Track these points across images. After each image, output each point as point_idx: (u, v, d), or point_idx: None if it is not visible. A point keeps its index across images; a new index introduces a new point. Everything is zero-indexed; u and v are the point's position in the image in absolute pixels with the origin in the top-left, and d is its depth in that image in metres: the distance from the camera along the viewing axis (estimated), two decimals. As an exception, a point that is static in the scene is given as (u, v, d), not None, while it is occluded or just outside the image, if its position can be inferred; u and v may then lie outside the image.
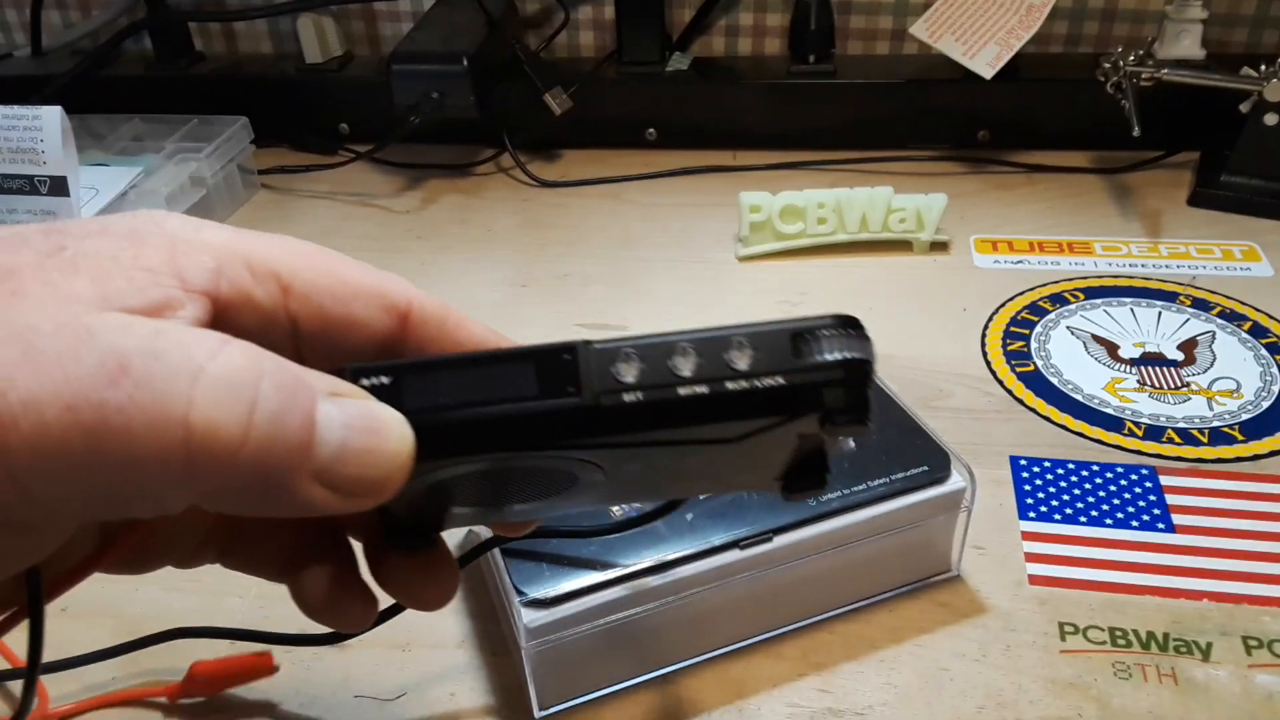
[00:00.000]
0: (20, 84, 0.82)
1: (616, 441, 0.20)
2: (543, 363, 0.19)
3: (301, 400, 0.17)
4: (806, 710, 0.36)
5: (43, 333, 0.16)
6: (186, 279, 0.19)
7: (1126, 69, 0.66)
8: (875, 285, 0.61)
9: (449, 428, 0.19)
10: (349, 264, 0.22)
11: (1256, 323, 0.56)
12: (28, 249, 0.18)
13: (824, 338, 0.20)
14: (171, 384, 0.16)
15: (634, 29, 0.78)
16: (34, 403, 0.16)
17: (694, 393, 0.19)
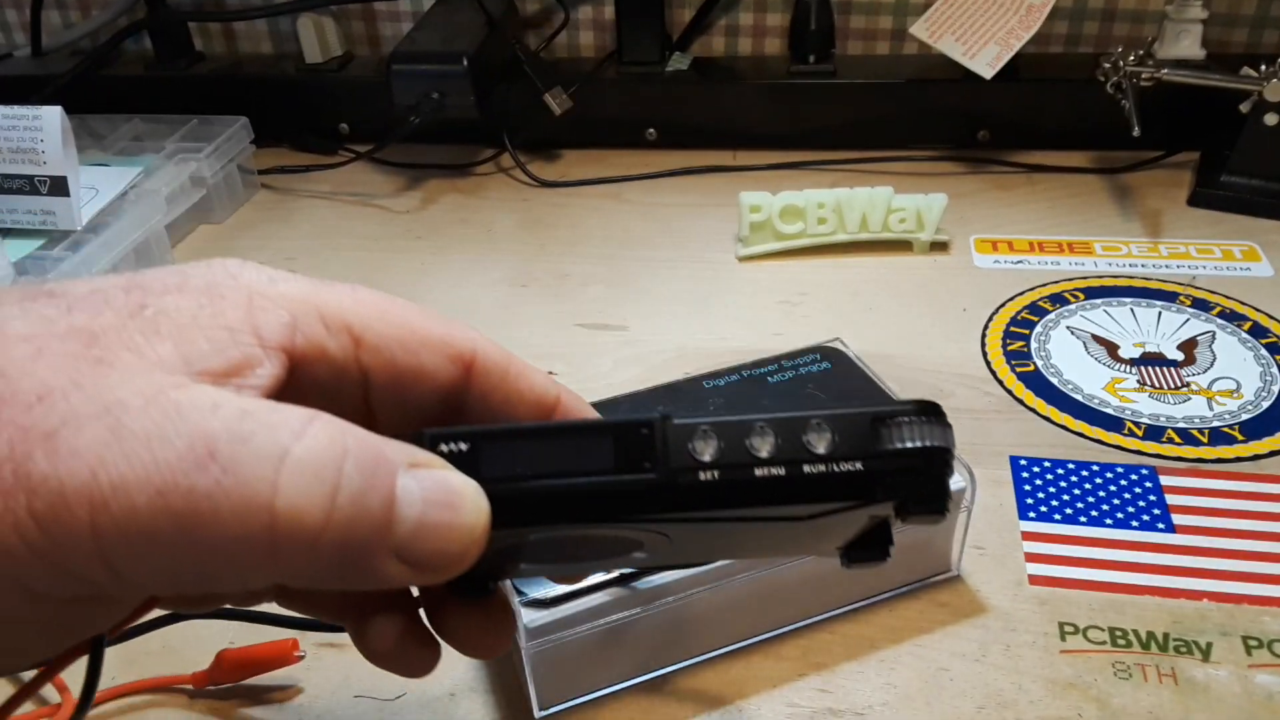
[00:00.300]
0: (20, 84, 0.82)
1: (689, 517, 0.20)
2: (620, 436, 0.20)
3: (382, 478, 0.18)
4: (806, 710, 0.36)
5: (132, 409, 0.17)
6: (264, 335, 0.19)
7: (1126, 69, 0.66)
8: (875, 285, 0.61)
9: (524, 498, 0.19)
10: (417, 313, 0.22)
11: (1256, 323, 0.56)
12: (109, 309, 0.18)
13: (904, 424, 0.20)
14: (258, 469, 0.16)
15: (634, 29, 0.78)
16: (123, 486, 0.16)
17: (770, 474, 0.19)
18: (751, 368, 0.46)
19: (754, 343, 0.56)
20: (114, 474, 0.16)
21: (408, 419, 0.22)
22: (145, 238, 0.64)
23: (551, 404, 0.24)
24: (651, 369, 0.55)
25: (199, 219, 0.72)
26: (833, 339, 0.47)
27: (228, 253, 0.71)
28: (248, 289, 0.20)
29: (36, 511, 0.16)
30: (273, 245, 0.70)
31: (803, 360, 0.46)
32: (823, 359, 0.46)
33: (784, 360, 0.46)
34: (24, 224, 0.61)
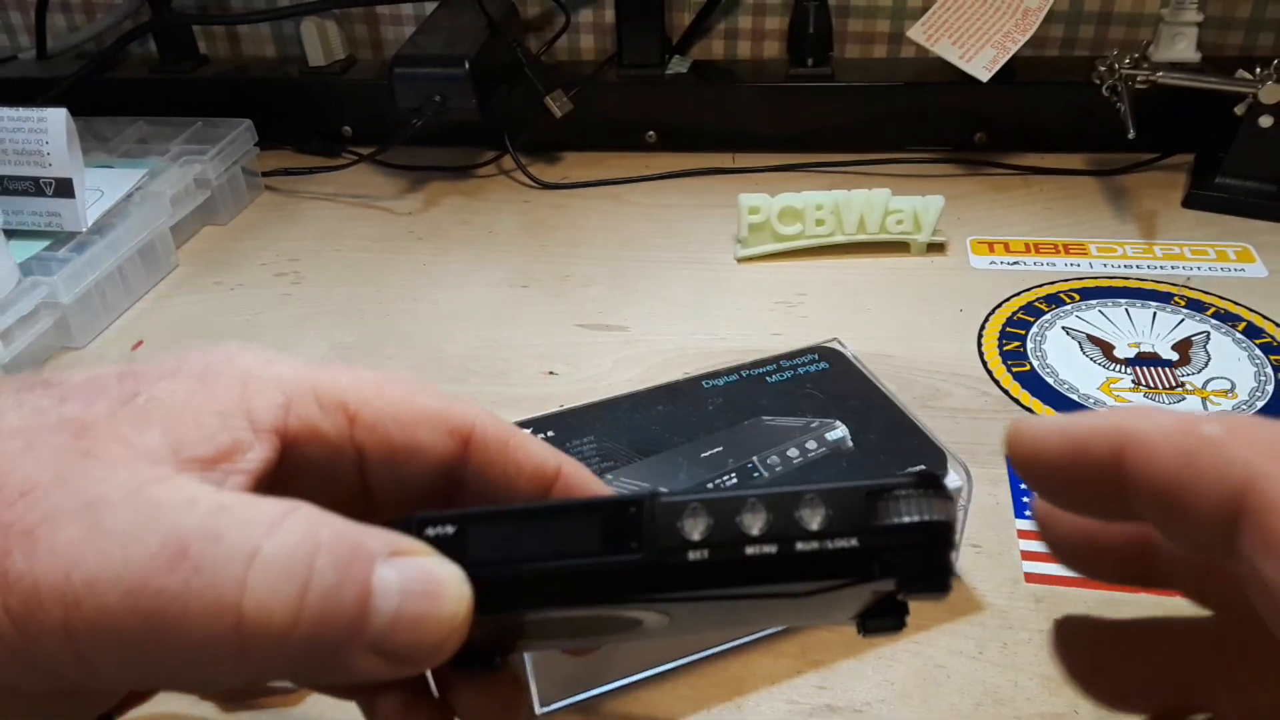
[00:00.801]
0: (25, 86, 0.82)
1: (681, 597, 0.19)
2: (608, 516, 0.19)
3: (357, 571, 0.17)
4: (805, 707, 0.37)
5: (111, 505, 0.17)
6: (256, 418, 0.19)
7: (1122, 72, 0.67)
8: (873, 286, 0.62)
9: (512, 582, 0.19)
10: (416, 389, 0.22)
11: (1251, 323, 0.57)
12: (103, 399, 0.19)
13: (902, 498, 0.19)
14: (227, 568, 0.16)
15: (634, 32, 0.78)
16: (96, 585, 0.16)
17: (762, 552, 0.19)
18: (750, 368, 0.46)
19: (753, 343, 0.57)
20: (87, 573, 0.16)
21: (405, 494, 0.22)
22: (150, 239, 0.65)
23: (552, 475, 0.23)
24: (651, 369, 0.55)
25: (203, 221, 0.73)
26: (831, 339, 0.48)
27: (231, 253, 0.72)
28: (243, 372, 0.20)
29: (11, 608, 0.16)
30: (276, 247, 0.70)
31: (801, 360, 0.47)
32: (821, 359, 0.47)
33: (783, 360, 0.47)
34: (29, 225, 0.62)
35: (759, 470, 0.40)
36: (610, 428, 0.43)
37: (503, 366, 0.57)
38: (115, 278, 0.62)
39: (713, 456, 0.41)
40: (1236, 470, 0.14)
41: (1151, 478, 0.16)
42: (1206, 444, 0.15)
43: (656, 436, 0.42)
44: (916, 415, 0.42)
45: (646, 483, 0.40)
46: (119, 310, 0.63)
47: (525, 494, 0.23)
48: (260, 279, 0.67)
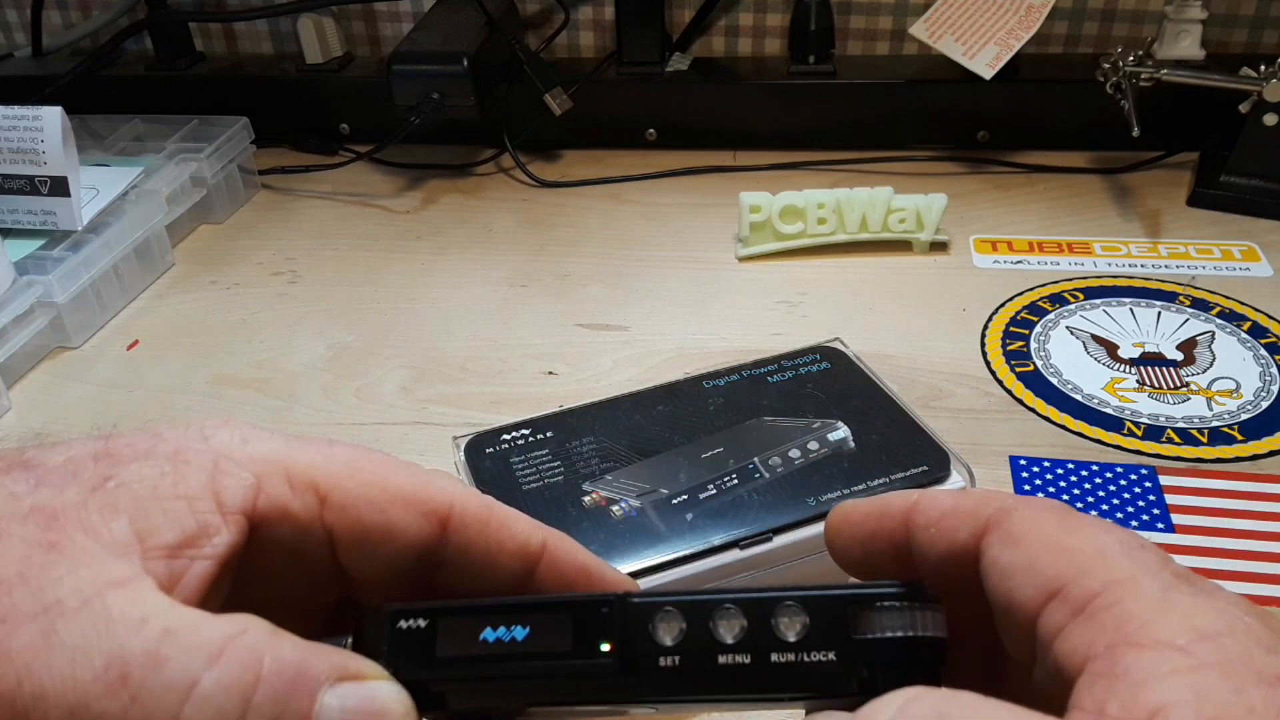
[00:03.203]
0: (21, 84, 0.82)
1: (650, 701, 0.19)
2: (579, 614, 0.19)
3: (298, 702, 0.18)
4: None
5: (66, 612, 0.17)
6: (224, 501, 0.20)
7: (1126, 69, 0.66)
8: (875, 285, 0.62)
9: (479, 681, 0.19)
10: (395, 470, 0.22)
11: (1256, 323, 0.56)
12: (74, 484, 0.19)
13: (886, 609, 0.18)
14: (164, 700, 0.17)
15: (634, 29, 0.78)
16: (42, 699, 0.17)
17: (734, 661, 0.18)
18: (751, 367, 0.46)
19: (754, 342, 0.56)
20: (35, 685, 0.17)
21: (380, 573, 0.22)
22: (146, 238, 0.64)
23: (536, 552, 0.23)
24: (651, 369, 0.55)
25: (199, 219, 0.72)
26: (832, 339, 0.47)
27: (227, 252, 0.71)
28: (215, 453, 0.20)
29: None
30: (273, 245, 0.70)
31: (802, 360, 0.46)
32: (822, 359, 0.46)
33: (784, 360, 0.46)
34: (25, 224, 0.61)
35: (760, 471, 0.39)
36: (610, 428, 0.43)
37: (502, 366, 0.56)
38: (111, 277, 0.62)
39: (713, 457, 0.41)
40: (990, 507, 0.19)
41: (929, 524, 0.20)
42: (967, 495, 0.20)
43: (656, 436, 0.42)
44: (919, 415, 0.41)
45: (647, 483, 0.39)
46: (115, 309, 0.63)
47: (509, 572, 0.22)
48: (257, 278, 0.66)
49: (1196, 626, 0.16)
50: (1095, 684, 0.16)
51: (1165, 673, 0.15)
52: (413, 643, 0.19)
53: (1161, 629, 0.16)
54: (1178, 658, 0.16)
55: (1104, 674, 0.16)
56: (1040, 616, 0.17)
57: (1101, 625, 0.17)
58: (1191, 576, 0.17)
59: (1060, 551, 0.18)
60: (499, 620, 0.19)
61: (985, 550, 0.19)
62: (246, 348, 0.59)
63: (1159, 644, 0.16)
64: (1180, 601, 0.16)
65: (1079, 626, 0.17)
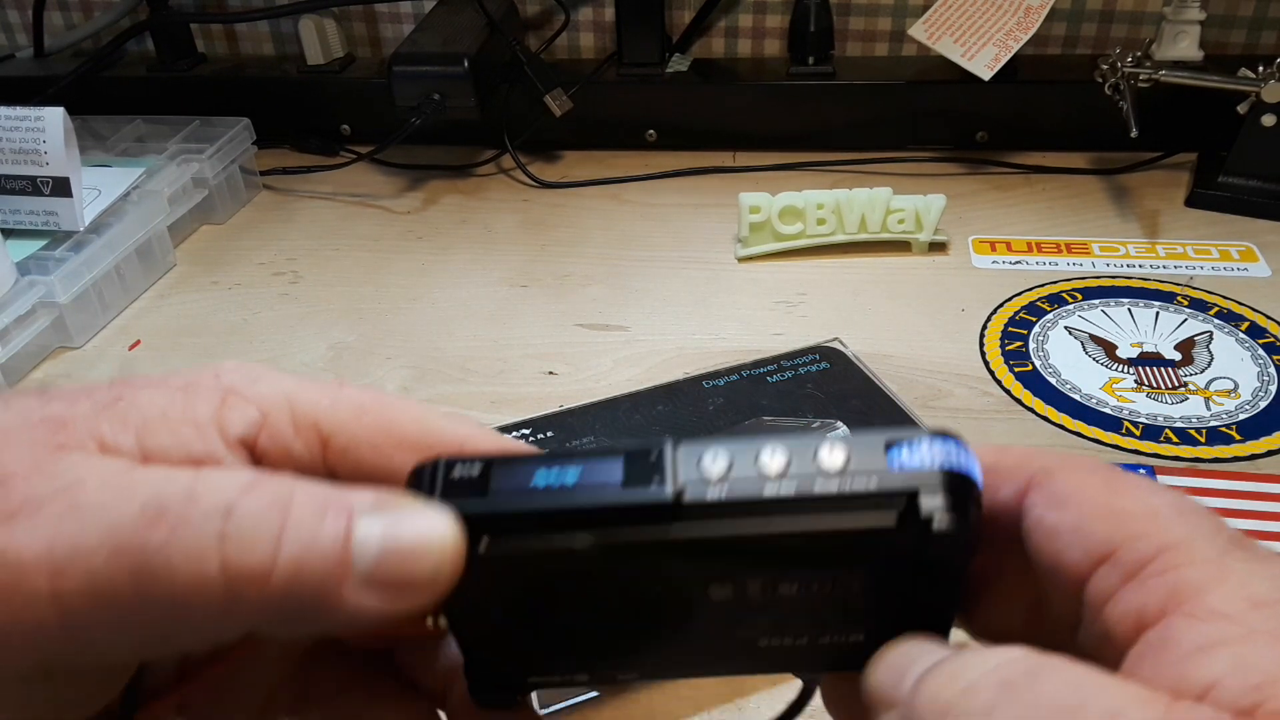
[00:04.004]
0: (23, 85, 0.82)
1: (698, 537, 0.19)
2: (630, 457, 0.20)
3: (333, 518, 0.18)
4: (805, 709, 0.36)
5: (88, 487, 0.17)
6: (228, 432, 0.20)
7: (1124, 70, 0.66)
8: (874, 286, 0.62)
9: (531, 509, 0.19)
10: (404, 413, 0.22)
11: (1254, 323, 0.56)
12: (86, 400, 0.19)
13: (921, 444, 0.19)
14: (206, 523, 0.17)
15: (634, 31, 0.78)
16: (80, 551, 0.17)
17: (781, 492, 0.19)
18: (751, 368, 0.46)
19: (753, 343, 0.56)
20: (70, 542, 0.17)
21: None
22: (147, 238, 0.64)
23: None
24: (651, 369, 0.55)
25: (201, 220, 0.72)
26: (832, 339, 0.48)
27: (229, 252, 0.72)
28: (225, 388, 0.20)
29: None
30: (274, 246, 0.70)
31: (802, 360, 0.46)
32: (822, 359, 0.46)
33: (783, 360, 0.46)
34: (26, 225, 0.61)
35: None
36: (610, 428, 0.43)
37: (502, 366, 0.56)
38: (113, 277, 0.62)
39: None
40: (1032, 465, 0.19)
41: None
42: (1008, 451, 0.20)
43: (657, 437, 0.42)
44: (918, 415, 0.41)
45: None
46: (116, 310, 0.63)
47: None
48: (258, 278, 0.66)
49: (1252, 594, 0.16)
50: (1148, 654, 0.16)
51: (1218, 644, 0.15)
52: (466, 486, 0.19)
53: (1216, 598, 0.16)
54: (1231, 628, 0.15)
55: (1157, 645, 0.16)
56: (1090, 580, 0.17)
57: (1155, 592, 0.16)
58: (1246, 541, 0.17)
59: (1110, 514, 0.18)
60: (552, 464, 0.20)
61: (1029, 510, 0.19)
62: (248, 348, 0.59)
63: (1213, 614, 0.16)
64: (1236, 568, 0.16)
65: (1131, 592, 0.17)
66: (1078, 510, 0.18)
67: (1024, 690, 0.15)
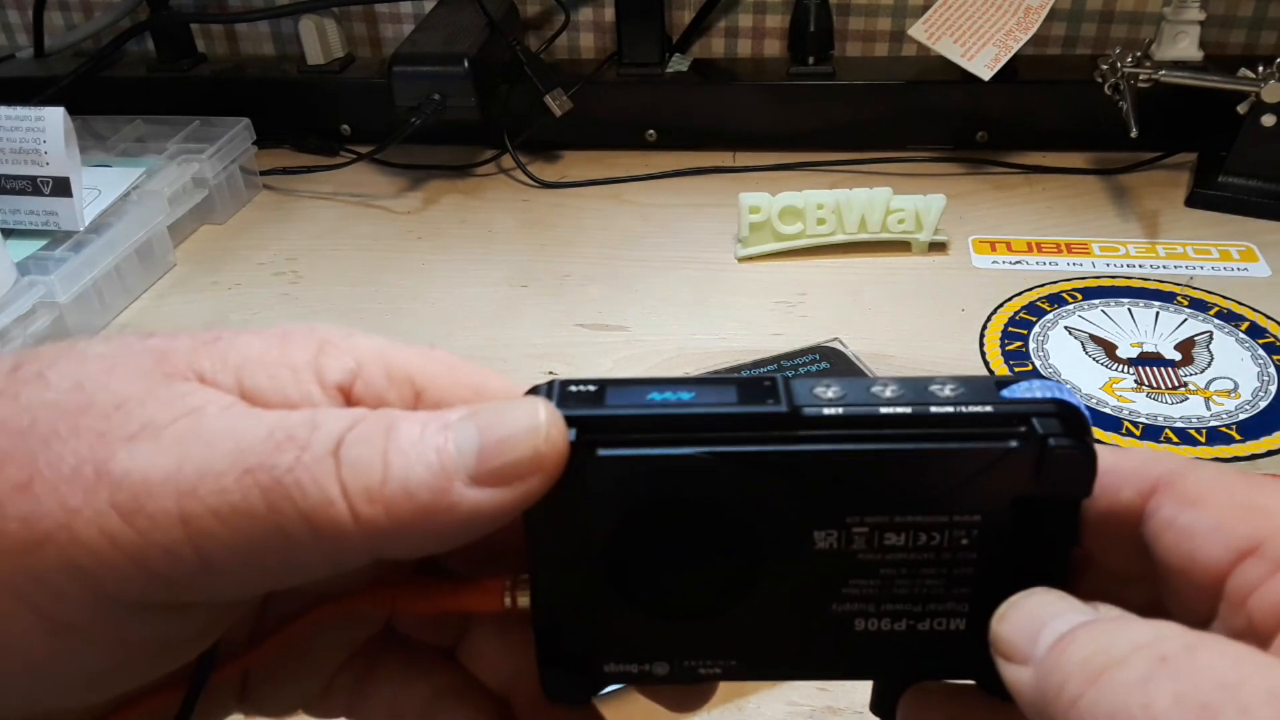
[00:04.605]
0: (23, 85, 0.82)
1: (814, 453, 0.19)
2: (743, 385, 0.20)
3: (432, 427, 0.18)
4: (806, 709, 0.36)
5: (208, 414, 0.18)
6: (325, 377, 0.20)
7: (1124, 70, 0.66)
8: (874, 286, 0.62)
9: (648, 417, 0.19)
10: (496, 379, 0.22)
11: (1254, 323, 0.56)
12: (186, 337, 0.20)
13: (1033, 384, 0.19)
14: (326, 445, 0.18)
15: (634, 31, 0.78)
16: (211, 470, 0.17)
17: (896, 412, 0.19)
18: (751, 368, 0.46)
19: (753, 343, 0.56)
20: (200, 461, 0.17)
21: None
22: (147, 238, 0.64)
23: None
24: (651, 369, 0.55)
25: (201, 220, 0.72)
26: (831, 339, 0.48)
27: (229, 252, 0.71)
28: (321, 337, 0.21)
29: (120, 504, 0.16)
30: (274, 246, 0.70)
31: (802, 360, 0.46)
32: (822, 359, 0.46)
33: (783, 360, 0.46)
34: (26, 225, 0.61)
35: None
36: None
37: (502, 366, 0.56)
38: (113, 277, 0.62)
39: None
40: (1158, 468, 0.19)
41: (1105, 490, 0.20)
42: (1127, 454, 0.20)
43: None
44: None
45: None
46: (116, 310, 0.63)
47: None
48: (258, 278, 0.66)
49: None
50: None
51: None
52: (580, 398, 0.19)
53: None
54: None
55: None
56: (1231, 575, 0.18)
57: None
58: None
59: (1252, 510, 0.18)
60: (666, 386, 0.20)
61: (1155, 511, 0.19)
62: (248, 348, 0.59)
63: None
64: None
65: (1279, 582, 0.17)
66: (1216, 508, 0.18)
67: (1182, 664, 0.15)
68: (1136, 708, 0.15)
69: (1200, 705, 0.14)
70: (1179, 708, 0.15)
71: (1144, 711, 0.15)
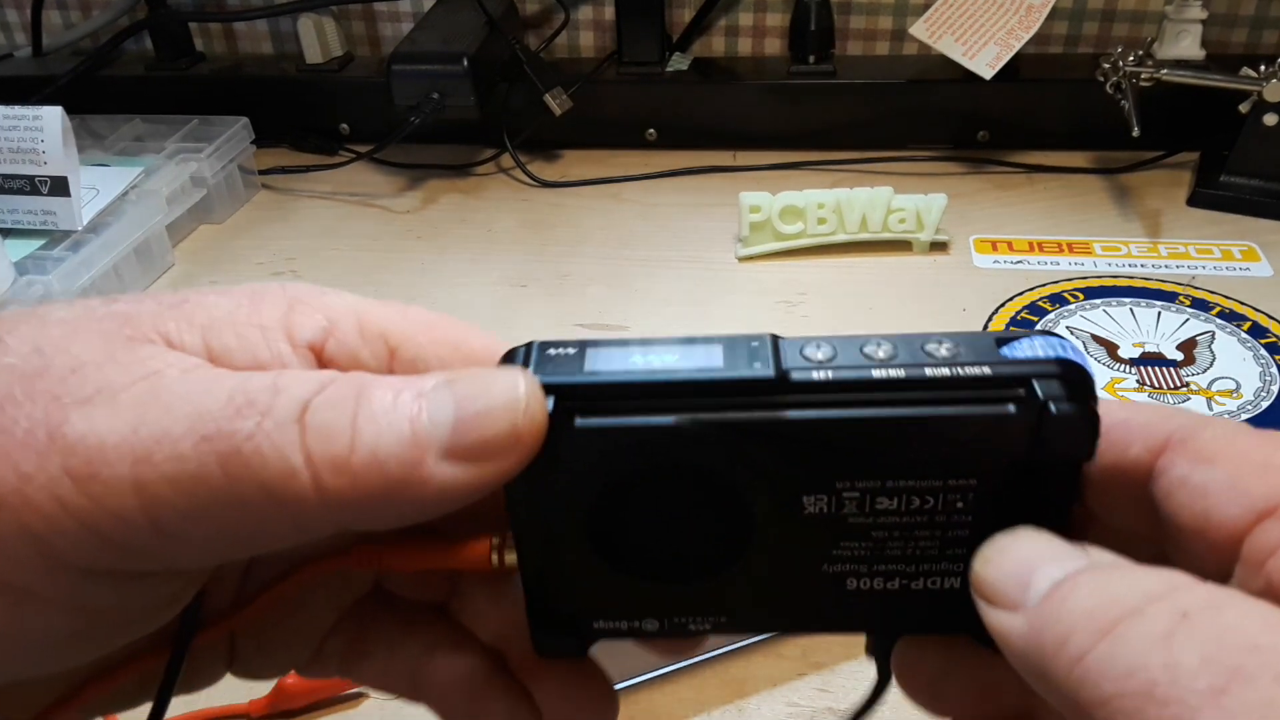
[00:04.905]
0: (21, 84, 0.82)
1: (803, 419, 0.18)
2: (729, 345, 0.19)
3: (406, 395, 0.18)
4: (806, 709, 0.36)
5: (168, 376, 0.17)
6: (296, 336, 0.19)
7: (1126, 69, 0.66)
8: (875, 285, 0.62)
9: (630, 385, 0.18)
10: (471, 333, 0.21)
11: (1256, 323, 0.56)
12: (152, 301, 0.19)
13: (1034, 342, 0.18)
14: (291, 411, 0.17)
15: (634, 29, 0.78)
16: (168, 436, 0.16)
17: (889, 375, 0.18)
18: (751, 368, 0.46)
19: (754, 343, 0.56)
20: (156, 426, 0.16)
21: None
22: (146, 238, 0.64)
23: None
24: (651, 369, 0.55)
25: (199, 219, 0.72)
26: (832, 339, 0.47)
27: (227, 252, 0.71)
28: (292, 296, 0.20)
29: (73, 470, 0.16)
30: (273, 245, 0.70)
31: (803, 360, 0.46)
32: (822, 359, 0.46)
33: (784, 360, 0.46)
34: (25, 224, 0.61)
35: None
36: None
37: (501, 366, 0.56)
38: (111, 276, 0.62)
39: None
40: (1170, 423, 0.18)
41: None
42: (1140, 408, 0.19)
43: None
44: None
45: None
46: (114, 309, 0.63)
47: None
48: (257, 278, 0.66)
49: None
50: None
51: None
52: (560, 364, 0.18)
53: None
54: None
55: None
56: (1249, 536, 0.16)
57: None
58: None
59: (1270, 469, 0.17)
60: (649, 348, 0.19)
61: (1167, 468, 0.18)
62: (246, 348, 0.59)
63: None
64: None
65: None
66: (1233, 466, 0.17)
67: (1207, 622, 0.14)
68: (1158, 668, 0.14)
69: (1231, 669, 0.13)
70: (1208, 669, 0.13)
71: (1166, 672, 0.13)
